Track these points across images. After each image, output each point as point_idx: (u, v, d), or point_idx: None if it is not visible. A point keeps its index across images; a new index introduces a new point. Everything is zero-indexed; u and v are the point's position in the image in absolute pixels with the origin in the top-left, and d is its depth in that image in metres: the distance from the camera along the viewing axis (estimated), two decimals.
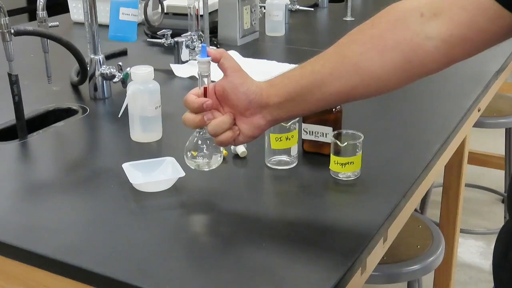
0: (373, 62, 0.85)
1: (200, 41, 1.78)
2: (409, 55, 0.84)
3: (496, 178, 3.08)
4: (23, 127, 1.29)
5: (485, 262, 2.60)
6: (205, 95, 0.96)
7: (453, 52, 0.82)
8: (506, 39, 0.81)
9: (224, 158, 1.16)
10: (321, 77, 0.90)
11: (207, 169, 1.04)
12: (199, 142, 1.02)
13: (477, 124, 2.05)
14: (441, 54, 0.82)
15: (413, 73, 0.86)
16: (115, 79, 1.49)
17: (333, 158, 1.09)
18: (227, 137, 0.95)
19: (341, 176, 1.10)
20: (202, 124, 0.97)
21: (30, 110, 1.40)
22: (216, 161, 1.04)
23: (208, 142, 1.02)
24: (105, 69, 1.49)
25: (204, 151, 1.02)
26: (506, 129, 2.61)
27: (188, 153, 1.03)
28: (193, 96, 0.96)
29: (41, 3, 1.39)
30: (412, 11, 0.83)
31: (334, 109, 1.15)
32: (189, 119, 0.97)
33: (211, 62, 0.97)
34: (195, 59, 1.79)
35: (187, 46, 1.78)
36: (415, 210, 1.54)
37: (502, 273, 0.96)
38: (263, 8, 2.22)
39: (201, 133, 1.02)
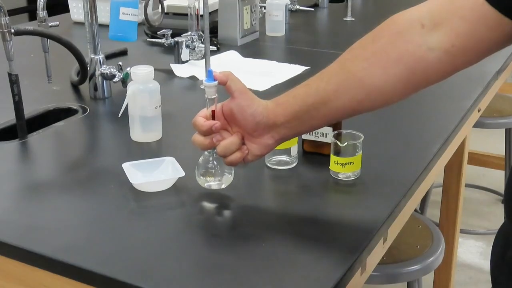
0: (378, 77, 0.86)
1: (200, 41, 1.78)
2: (412, 67, 0.84)
3: (496, 178, 3.08)
4: (23, 127, 1.29)
5: (485, 262, 2.60)
6: (213, 117, 0.98)
7: (455, 62, 0.82)
8: (507, 46, 0.81)
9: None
10: (327, 93, 0.91)
11: (218, 188, 1.05)
12: (209, 162, 1.04)
13: (477, 124, 2.05)
14: (444, 65, 0.83)
15: (417, 85, 0.87)
16: (115, 79, 1.49)
17: (333, 158, 1.10)
18: (236, 158, 0.98)
19: (341, 176, 1.10)
20: (212, 146, 0.99)
21: (30, 110, 1.40)
22: (228, 179, 1.06)
23: (218, 162, 1.04)
24: (105, 69, 1.49)
25: (215, 170, 1.04)
26: (506, 129, 2.61)
27: (199, 173, 1.05)
28: (202, 119, 0.98)
29: (41, 3, 1.39)
30: (412, 23, 0.82)
31: None
32: (198, 141, 0.99)
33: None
34: (195, 59, 1.79)
35: (187, 46, 1.78)
36: (415, 210, 1.55)
37: (499, 273, 0.96)
38: (263, 8, 2.22)
39: (211, 153, 1.04)
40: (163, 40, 1.80)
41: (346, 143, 1.09)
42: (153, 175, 1.09)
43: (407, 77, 0.85)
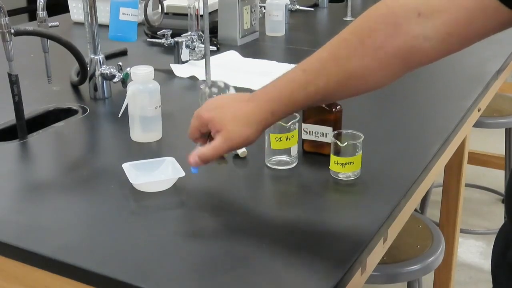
0: (376, 73, 0.86)
1: (200, 41, 1.78)
2: (408, 59, 0.83)
3: (496, 178, 3.08)
4: (23, 127, 1.29)
5: (485, 262, 2.60)
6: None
7: (449, 48, 0.82)
8: (500, 31, 0.81)
9: (223, 158, 1.16)
10: (327, 93, 0.91)
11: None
12: None
13: (477, 124, 2.05)
14: (437, 52, 0.82)
15: (409, 71, 0.87)
16: (115, 79, 1.49)
17: (333, 158, 1.09)
18: None
19: (341, 176, 1.10)
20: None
21: (30, 110, 1.40)
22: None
23: None
24: (105, 69, 1.49)
25: None
26: (506, 129, 2.61)
27: None
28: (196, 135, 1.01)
29: (41, 3, 1.39)
30: (409, 11, 0.81)
31: (334, 109, 1.15)
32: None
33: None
34: (195, 59, 1.79)
35: (187, 46, 1.78)
36: (415, 210, 1.55)
37: (500, 272, 0.97)
38: (263, 8, 2.22)
39: None
40: (163, 40, 1.80)
41: (346, 143, 1.09)
42: (153, 175, 1.09)
43: (403, 68, 0.85)
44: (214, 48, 1.82)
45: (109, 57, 1.74)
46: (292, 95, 0.91)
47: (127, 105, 1.27)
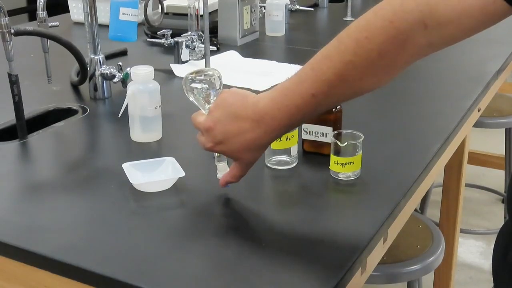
0: (385, 82, 0.86)
1: (200, 41, 1.78)
2: (412, 63, 0.84)
3: (496, 178, 3.08)
4: (23, 127, 1.29)
5: (485, 262, 2.61)
6: None
7: (448, 46, 0.82)
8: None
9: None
10: (336, 104, 1.02)
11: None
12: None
13: (477, 124, 2.05)
14: (436, 50, 0.83)
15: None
16: (115, 79, 1.49)
17: (333, 158, 1.10)
18: None
19: (341, 176, 1.10)
20: None
21: (30, 110, 1.40)
22: None
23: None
24: (105, 69, 1.49)
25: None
26: (506, 129, 2.61)
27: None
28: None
29: (41, 3, 1.39)
30: (415, 25, 0.79)
31: (334, 109, 1.15)
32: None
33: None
34: (195, 59, 1.79)
35: (187, 46, 1.78)
36: (415, 210, 1.55)
37: (501, 273, 0.97)
38: (263, 8, 2.22)
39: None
40: (163, 40, 1.80)
41: (346, 143, 1.09)
42: (153, 175, 1.09)
43: (405, 68, 0.86)
44: (214, 48, 1.82)
45: (109, 57, 1.74)
46: (303, 119, 0.95)
47: (127, 105, 1.27)
